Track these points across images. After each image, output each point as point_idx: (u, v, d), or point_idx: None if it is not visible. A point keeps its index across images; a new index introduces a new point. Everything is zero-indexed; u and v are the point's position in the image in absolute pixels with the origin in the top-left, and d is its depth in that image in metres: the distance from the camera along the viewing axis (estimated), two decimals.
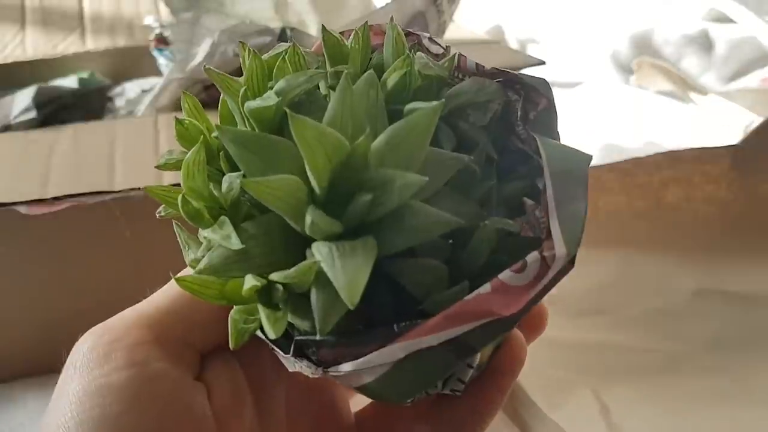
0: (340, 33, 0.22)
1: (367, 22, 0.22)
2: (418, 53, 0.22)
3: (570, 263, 0.18)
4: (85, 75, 0.62)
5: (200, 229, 0.20)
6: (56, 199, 0.44)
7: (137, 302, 0.23)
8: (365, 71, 0.20)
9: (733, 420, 0.48)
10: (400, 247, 0.17)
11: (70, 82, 0.61)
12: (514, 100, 0.21)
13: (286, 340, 0.20)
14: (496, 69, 0.22)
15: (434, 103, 0.18)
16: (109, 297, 0.53)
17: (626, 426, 0.47)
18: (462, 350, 0.18)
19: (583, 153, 0.19)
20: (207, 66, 0.21)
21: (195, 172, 0.19)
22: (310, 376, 0.19)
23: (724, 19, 1.03)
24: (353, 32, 0.22)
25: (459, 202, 0.19)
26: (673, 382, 0.51)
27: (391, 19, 0.22)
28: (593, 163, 0.19)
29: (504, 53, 0.68)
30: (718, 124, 0.81)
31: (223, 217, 0.19)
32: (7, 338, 0.53)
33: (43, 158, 0.48)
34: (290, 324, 0.19)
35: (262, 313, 0.18)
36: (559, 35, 1.07)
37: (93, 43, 0.64)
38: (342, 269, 0.16)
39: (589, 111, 0.88)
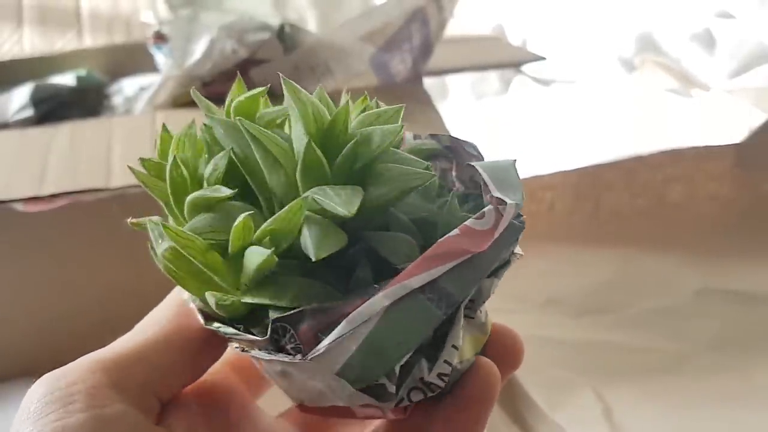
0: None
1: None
2: None
3: (519, 219, 0.20)
4: (82, 72, 0.62)
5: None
6: (53, 196, 0.43)
7: (135, 301, 0.23)
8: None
9: (736, 420, 0.48)
10: (382, 198, 0.20)
11: (67, 79, 0.60)
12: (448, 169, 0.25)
13: (259, 329, 0.21)
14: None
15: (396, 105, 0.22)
16: (106, 295, 0.53)
17: (629, 426, 0.47)
18: (443, 299, 0.19)
19: (507, 159, 0.22)
20: (194, 90, 0.23)
21: (185, 143, 0.22)
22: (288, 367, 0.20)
23: (728, 15, 1.02)
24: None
25: (425, 203, 0.23)
26: (675, 382, 0.51)
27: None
28: (596, 161, 0.19)
29: (504, 49, 0.68)
30: (722, 121, 0.80)
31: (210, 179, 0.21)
32: (4, 337, 0.53)
33: (40, 156, 0.48)
34: (264, 311, 0.20)
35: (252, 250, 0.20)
36: (561, 32, 1.06)
37: (91, 40, 0.64)
38: (336, 195, 0.19)
39: (592, 108, 0.87)
